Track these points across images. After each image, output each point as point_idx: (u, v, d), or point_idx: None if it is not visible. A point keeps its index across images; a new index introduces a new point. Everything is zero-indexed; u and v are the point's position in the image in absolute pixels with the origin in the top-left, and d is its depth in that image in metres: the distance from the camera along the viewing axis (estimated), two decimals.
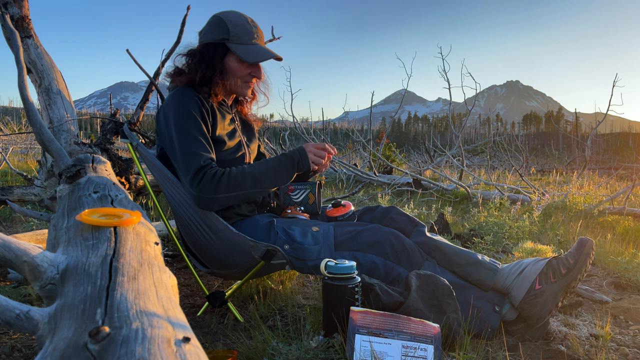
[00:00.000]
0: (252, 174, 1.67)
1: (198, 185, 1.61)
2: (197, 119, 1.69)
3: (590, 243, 1.61)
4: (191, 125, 1.67)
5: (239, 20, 1.76)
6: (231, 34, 1.74)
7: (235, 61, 1.77)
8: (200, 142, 1.66)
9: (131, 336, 0.61)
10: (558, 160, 17.35)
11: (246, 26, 1.77)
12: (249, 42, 1.76)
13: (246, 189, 1.66)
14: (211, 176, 1.61)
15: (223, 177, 1.62)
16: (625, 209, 4.07)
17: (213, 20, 1.78)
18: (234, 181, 1.63)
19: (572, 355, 1.47)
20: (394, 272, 1.62)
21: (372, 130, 9.38)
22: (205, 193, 1.61)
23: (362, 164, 9.70)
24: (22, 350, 1.54)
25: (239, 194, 1.66)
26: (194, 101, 1.71)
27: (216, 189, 1.61)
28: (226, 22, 1.75)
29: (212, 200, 1.62)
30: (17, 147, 10.97)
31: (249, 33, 1.77)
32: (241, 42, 1.75)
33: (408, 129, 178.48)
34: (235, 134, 1.86)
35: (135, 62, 2.93)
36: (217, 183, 1.61)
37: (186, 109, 1.69)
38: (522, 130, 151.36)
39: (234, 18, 1.77)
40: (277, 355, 1.35)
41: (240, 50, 1.74)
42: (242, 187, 1.65)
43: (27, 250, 0.89)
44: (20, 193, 2.73)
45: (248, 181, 1.66)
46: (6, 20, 2.56)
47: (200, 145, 1.65)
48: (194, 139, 1.65)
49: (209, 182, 1.60)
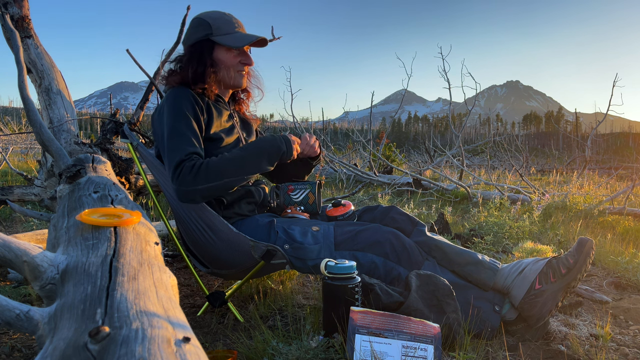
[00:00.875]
0: (232, 161, 1.64)
1: (178, 178, 1.59)
2: (189, 116, 1.70)
3: (590, 243, 1.61)
4: (180, 122, 1.68)
5: (216, 15, 1.83)
6: (213, 27, 1.79)
7: (224, 51, 1.82)
8: (185, 138, 1.65)
9: (131, 336, 0.61)
10: (558, 160, 17.34)
11: (225, 17, 1.83)
12: (231, 31, 1.81)
13: (228, 177, 1.63)
14: (190, 167, 1.59)
15: (202, 167, 1.59)
16: (625, 209, 4.07)
17: (192, 23, 1.84)
18: (215, 170, 1.60)
19: (572, 355, 1.47)
20: (394, 271, 1.62)
21: (372, 130, 9.37)
22: (185, 185, 1.58)
23: (362, 164, 9.70)
24: (22, 350, 1.54)
25: (221, 183, 1.62)
26: (187, 99, 1.73)
27: (195, 180, 1.58)
28: (205, 19, 1.81)
29: (193, 192, 1.59)
30: (17, 147, 10.97)
31: (230, 23, 1.82)
32: (224, 32, 1.80)
33: (408, 129, 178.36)
34: (234, 130, 1.86)
35: (135, 62, 2.93)
36: (195, 173, 1.58)
37: (178, 108, 1.71)
38: (522, 130, 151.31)
39: (211, 13, 1.83)
40: (277, 355, 1.35)
41: (225, 39, 1.79)
42: (224, 175, 1.61)
43: (27, 250, 0.89)
44: (20, 193, 2.73)
45: (228, 168, 1.63)
46: (6, 20, 2.56)
47: (185, 141, 1.64)
48: (180, 135, 1.65)
49: (187, 173, 1.58)
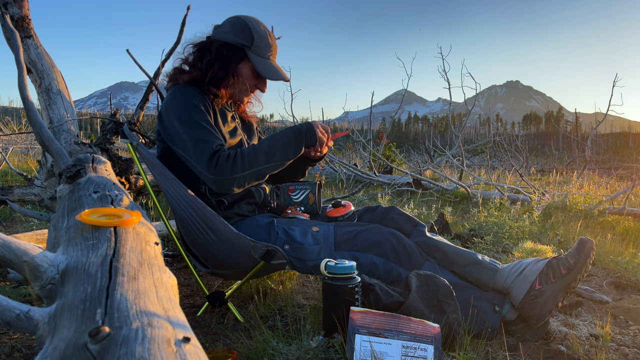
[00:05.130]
0: (263, 150, 1.69)
1: (215, 168, 1.62)
2: (201, 109, 1.71)
3: (591, 243, 1.61)
4: (195, 115, 1.69)
5: (262, 32, 1.79)
6: (255, 43, 1.76)
7: (249, 70, 1.80)
8: (207, 130, 1.68)
9: (131, 336, 0.61)
10: (558, 160, 17.34)
11: (268, 40, 1.80)
12: (266, 56, 1.79)
13: (260, 165, 1.68)
14: (226, 157, 1.64)
15: (237, 157, 1.65)
16: (625, 209, 4.07)
17: (237, 22, 1.78)
18: (248, 159, 1.66)
19: (572, 355, 1.47)
20: (394, 272, 1.62)
21: (372, 130, 9.37)
22: (223, 175, 1.63)
23: (362, 164, 9.70)
24: (22, 350, 1.54)
25: (254, 171, 1.68)
26: (196, 96, 1.73)
27: (233, 169, 1.63)
28: (252, 30, 1.76)
29: (231, 180, 1.65)
30: (17, 147, 10.97)
31: (269, 47, 1.80)
32: (260, 54, 1.78)
33: (408, 129, 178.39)
34: (237, 132, 1.87)
35: (135, 62, 2.93)
36: (232, 163, 1.63)
37: (189, 101, 1.71)
38: (522, 130, 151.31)
39: (258, 27, 1.78)
40: (277, 355, 1.35)
41: (258, 62, 1.76)
42: (256, 164, 1.67)
43: (27, 250, 0.89)
44: (20, 193, 2.73)
45: (261, 157, 1.68)
46: (6, 20, 2.56)
47: (208, 132, 1.68)
48: (201, 127, 1.67)
49: (224, 163, 1.63)
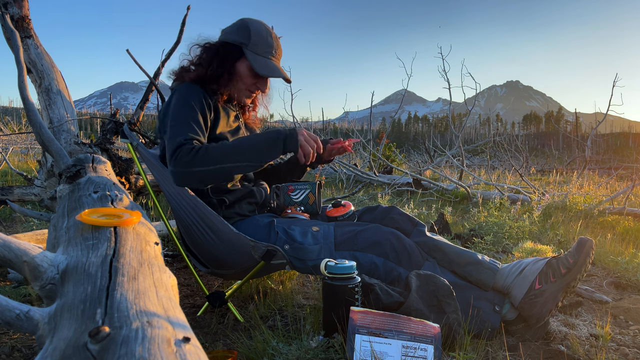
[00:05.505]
0: (232, 148, 1.60)
1: (175, 160, 1.55)
2: (195, 109, 1.69)
3: (590, 243, 1.61)
4: (186, 113, 1.67)
5: (262, 31, 1.78)
6: (251, 41, 1.75)
7: (246, 68, 1.79)
8: (188, 126, 1.63)
9: (131, 336, 0.61)
10: (558, 160, 17.34)
11: (268, 39, 1.78)
12: (265, 55, 1.77)
13: (226, 163, 1.57)
14: (189, 150, 1.55)
15: (200, 151, 1.56)
16: (625, 209, 4.07)
17: (238, 23, 1.80)
18: (212, 154, 1.56)
19: (572, 355, 1.47)
20: (394, 272, 1.62)
21: (372, 130, 9.37)
22: (180, 166, 1.54)
23: (362, 164, 9.70)
24: (22, 350, 1.54)
25: (218, 168, 1.56)
26: (196, 95, 1.72)
27: (192, 162, 1.53)
28: (250, 29, 1.76)
29: (189, 174, 1.55)
30: (17, 147, 10.96)
31: (268, 46, 1.78)
32: (257, 52, 1.76)
33: (408, 129, 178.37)
34: (239, 132, 1.87)
35: (135, 62, 2.93)
36: (193, 156, 1.54)
37: (186, 100, 1.70)
38: (522, 130, 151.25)
39: (259, 27, 1.78)
40: (277, 355, 1.35)
41: (253, 59, 1.75)
42: (221, 161, 1.56)
43: (27, 250, 0.89)
44: (20, 193, 2.73)
45: (227, 155, 1.57)
46: (6, 20, 2.57)
47: (187, 128, 1.62)
48: (183, 124, 1.64)
49: (185, 155, 1.54)
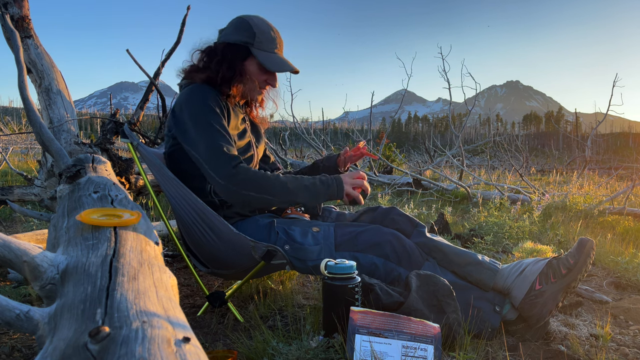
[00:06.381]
0: (286, 185, 1.64)
1: (234, 177, 1.59)
2: (217, 112, 1.70)
3: (591, 243, 1.61)
4: (211, 117, 1.68)
5: (264, 27, 1.78)
6: (256, 39, 1.76)
7: (255, 66, 1.79)
8: (223, 135, 1.66)
9: (131, 336, 0.61)
10: (558, 160, 17.34)
11: (270, 34, 1.79)
12: (271, 50, 1.78)
13: (275, 197, 1.63)
14: (245, 169, 1.61)
15: (258, 177, 1.61)
16: (625, 209, 4.07)
17: (239, 22, 1.79)
18: (266, 184, 1.62)
19: (572, 355, 1.47)
20: (394, 272, 1.62)
21: (372, 130, 9.37)
22: (238, 186, 1.60)
23: (362, 164, 9.70)
24: (22, 350, 1.54)
25: (266, 199, 1.64)
26: (213, 98, 1.73)
27: (247, 185, 1.60)
28: (252, 27, 1.76)
29: (239, 194, 1.61)
30: (17, 147, 10.97)
31: (272, 41, 1.79)
32: (264, 49, 1.77)
33: (408, 129, 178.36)
34: (246, 134, 1.87)
35: (135, 62, 2.93)
36: (249, 178, 1.60)
37: (207, 103, 1.70)
38: (522, 130, 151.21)
39: (260, 23, 1.78)
40: (277, 355, 1.35)
41: (262, 56, 1.76)
42: (272, 194, 1.63)
43: (27, 250, 0.89)
44: (20, 193, 2.73)
45: (278, 189, 1.63)
46: (6, 20, 2.57)
47: (224, 138, 1.66)
48: (217, 132, 1.66)
49: (243, 174, 1.60)
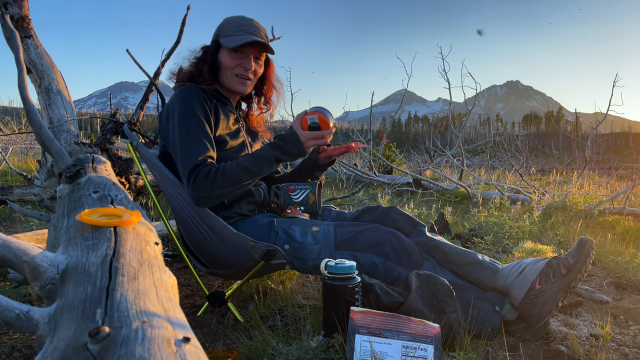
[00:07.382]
0: (247, 168, 1.66)
1: (194, 183, 1.61)
2: (200, 117, 1.70)
3: (591, 243, 1.61)
4: (193, 124, 1.68)
5: (234, 18, 1.83)
6: (222, 29, 1.80)
7: (225, 53, 1.81)
8: (199, 141, 1.66)
9: (131, 336, 0.61)
10: (558, 160, 17.34)
11: (239, 21, 1.81)
12: (234, 33, 1.79)
13: (241, 182, 1.66)
14: (205, 174, 1.61)
15: (218, 173, 1.62)
16: (625, 209, 4.07)
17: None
18: (229, 176, 1.63)
19: (572, 355, 1.47)
20: (394, 272, 1.62)
21: (372, 130, 9.37)
22: (201, 192, 1.61)
23: (362, 164, 9.70)
24: (22, 350, 1.54)
25: (234, 188, 1.66)
26: (197, 99, 1.73)
27: (212, 186, 1.61)
28: (222, 21, 1.83)
29: (208, 198, 1.63)
30: (17, 147, 10.96)
31: (239, 26, 1.79)
32: (227, 34, 1.79)
33: (408, 129, 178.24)
34: (239, 134, 1.86)
35: (135, 62, 2.93)
36: (212, 180, 1.61)
37: (189, 108, 1.70)
38: (522, 130, 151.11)
39: (231, 17, 1.84)
40: (277, 355, 1.35)
41: (224, 40, 1.78)
42: (237, 181, 1.65)
43: (27, 250, 0.89)
44: (20, 193, 2.73)
45: (243, 175, 1.66)
46: (6, 20, 2.56)
47: (199, 144, 1.66)
48: (194, 138, 1.66)
49: (203, 179, 1.61)
